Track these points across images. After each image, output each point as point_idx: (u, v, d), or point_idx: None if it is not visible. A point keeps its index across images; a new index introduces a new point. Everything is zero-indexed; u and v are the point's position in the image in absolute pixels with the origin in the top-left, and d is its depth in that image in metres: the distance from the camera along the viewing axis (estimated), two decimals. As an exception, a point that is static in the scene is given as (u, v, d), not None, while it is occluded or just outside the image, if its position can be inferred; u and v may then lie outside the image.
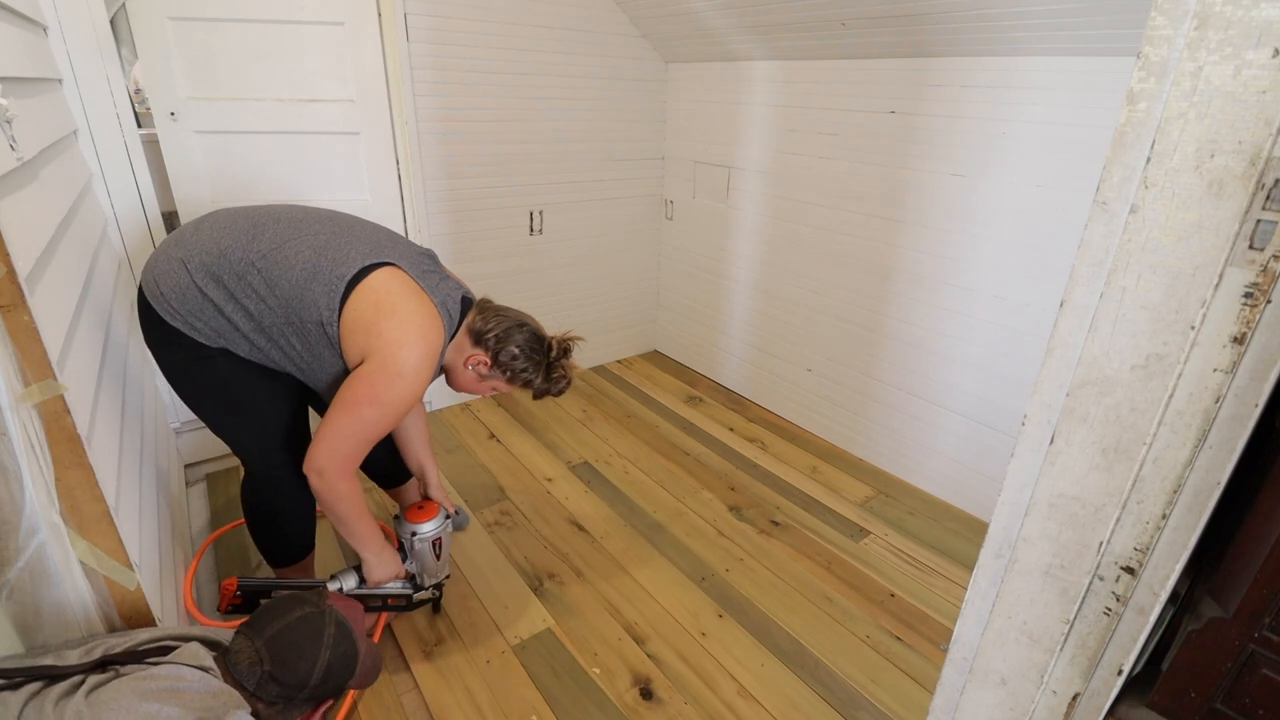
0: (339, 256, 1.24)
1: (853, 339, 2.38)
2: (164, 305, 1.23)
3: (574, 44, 2.53)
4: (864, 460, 2.43)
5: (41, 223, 1.05)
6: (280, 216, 1.30)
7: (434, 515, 1.50)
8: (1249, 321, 0.58)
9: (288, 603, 1.01)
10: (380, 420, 1.24)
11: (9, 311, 0.80)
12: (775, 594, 1.78)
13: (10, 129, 0.93)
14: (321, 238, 1.26)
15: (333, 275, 1.22)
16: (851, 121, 2.18)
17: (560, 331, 1.49)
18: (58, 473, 0.88)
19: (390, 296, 1.23)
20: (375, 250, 1.27)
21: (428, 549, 1.50)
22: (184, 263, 1.23)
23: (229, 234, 1.25)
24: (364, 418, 1.22)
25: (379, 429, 1.25)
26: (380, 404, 1.22)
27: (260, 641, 0.94)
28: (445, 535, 1.53)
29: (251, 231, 1.26)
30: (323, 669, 0.96)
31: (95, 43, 1.68)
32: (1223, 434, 0.63)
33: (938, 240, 2.03)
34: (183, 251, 1.24)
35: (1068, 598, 0.76)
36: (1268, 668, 0.72)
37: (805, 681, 1.52)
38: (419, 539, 1.48)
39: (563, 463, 2.35)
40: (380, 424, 1.24)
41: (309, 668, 0.95)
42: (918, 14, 1.77)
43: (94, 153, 1.76)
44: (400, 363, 1.21)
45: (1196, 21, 0.54)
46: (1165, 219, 0.60)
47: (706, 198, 2.84)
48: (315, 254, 1.24)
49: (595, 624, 1.66)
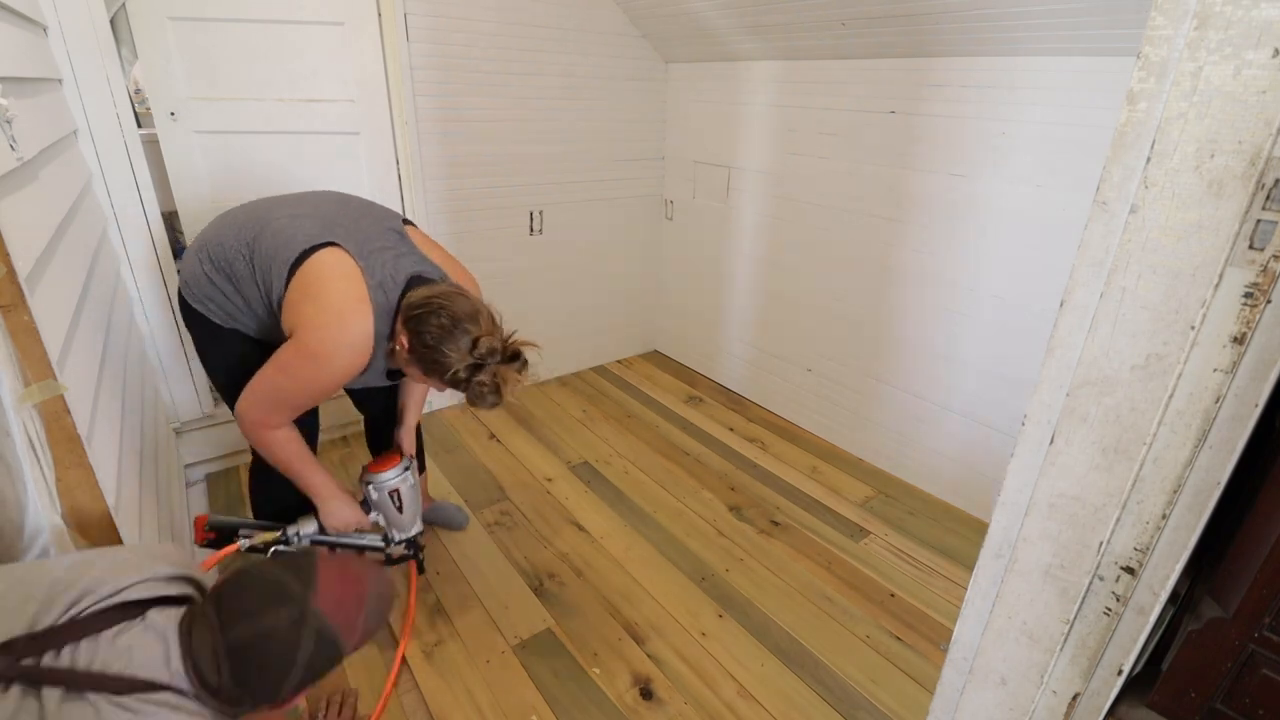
0: (290, 239, 1.28)
1: (853, 339, 2.38)
2: (187, 290, 1.40)
3: (574, 44, 2.52)
4: (864, 460, 2.43)
5: (41, 223, 1.05)
6: (272, 204, 1.40)
7: (393, 465, 1.52)
8: (1249, 321, 0.58)
9: (264, 594, 0.83)
10: (295, 391, 1.30)
11: (9, 311, 0.80)
12: (775, 594, 1.78)
13: (10, 129, 0.93)
14: (288, 220, 1.32)
15: (281, 259, 1.28)
16: (851, 121, 2.18)
17: (509, 332, 1.31)
18: (58, 473, 0.88)
19: (319, 280, 1.25)
20: (324, 230, 1.29)
21: (386, 499, 1.50)
22: (197, 252, 1.39)
23: (232, 226, 1.37)
24: (278, 383, 1.28)
25: (294, 398, 1.31)
26: (293, 376, 1.27)
27: (223, 643, 0.79)
28: (405, 486, 1.52)
29: (246, 222, 1.36)
30: (296, 683, 0.82)
31: (95, 43, 1.68)
32: (1223, 434, 0.63)
33: (938, 240, 2.03)
34: (199, 242, 1.41)
35: (1068, 598, 0.76)
36: (1268, 668, 0.72)
37: (805, 681, 1.52)
38: (374, 488, 1.50)
39: (563, 463, 2.35)
40: (296, 395, 1.31)
41: (277, 684, 0.82)
42: (918, 14, 1.77)
43: (94, 153, 1.76)
44: (313, 344, 1.24)
45: (1196, 21, 0.54)
46: (1165, 219, 0.60)
47: (706, 198, 2.84)
48: (276, 238, 1.30)
49: (595, 624, 1.66)
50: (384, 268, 1.30)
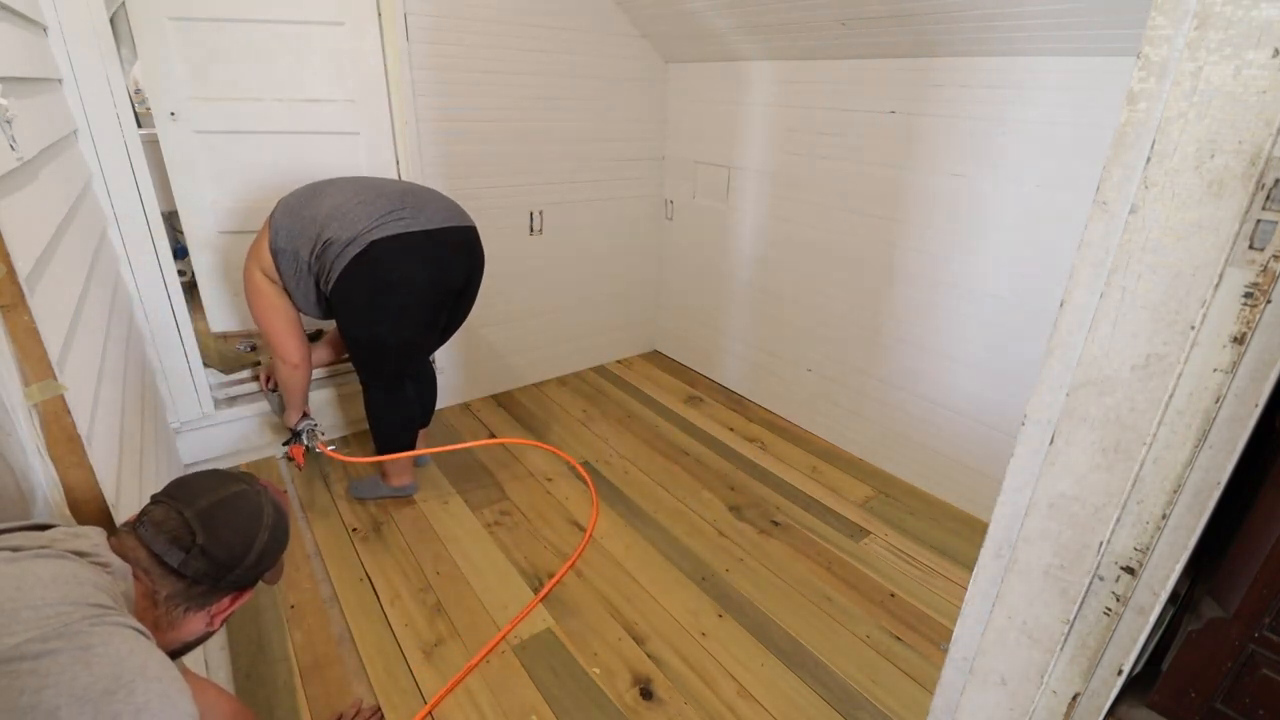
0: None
1: (853, 339, 2.38)
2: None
3: (574, 44, 2.52)
4: (864, 460, 2.43)
5: (41, 223, 1.05)
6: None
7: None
8: (1249, 321, 0.58)
9: (216, 477, 0.89)
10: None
11: (9, 311, 0.80)
12: (775, 594, 1.78)
13: (10, 129, 0.93)
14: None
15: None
16: (851, 121, 2.18)
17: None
18: (58, 473, 0.88)
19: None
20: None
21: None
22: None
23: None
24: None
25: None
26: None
27: (191, 512, 0.81)
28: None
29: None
30: (260, 549, 0.87)
31: (95, 43, 1.68)
32: (1223, 434, 0.63)
33: (938, 240, 2.03)
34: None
35: (1068, 598, 0.76)
36: (1268, 668, 0.72)
37: (805, 681, 1.52)
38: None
39: (563, 462, 2.35)
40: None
41: (246, 545, 0.85)
42: (918, 14, 1.77)
43: (94, 153, 1.76)
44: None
45: (1196, 21, 0.54)
46: (1165, 219, 0.60)
47: (706, 198, 2.84)
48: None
49: (595, 624, 1.66)
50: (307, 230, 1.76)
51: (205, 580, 0.82)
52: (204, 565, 0.80)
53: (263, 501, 0.90)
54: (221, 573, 0.83)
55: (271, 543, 0.89)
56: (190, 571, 0.80)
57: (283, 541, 0.93)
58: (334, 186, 1.76)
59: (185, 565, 0.79)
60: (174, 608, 0.80)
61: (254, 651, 1.54)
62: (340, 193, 1.72)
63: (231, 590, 0.87)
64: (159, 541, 0.79)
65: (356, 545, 1.90)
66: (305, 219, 1.70)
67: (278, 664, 1.52)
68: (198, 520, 0.81)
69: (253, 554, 0.86)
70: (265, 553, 0.88)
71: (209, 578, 0.82)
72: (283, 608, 1.67)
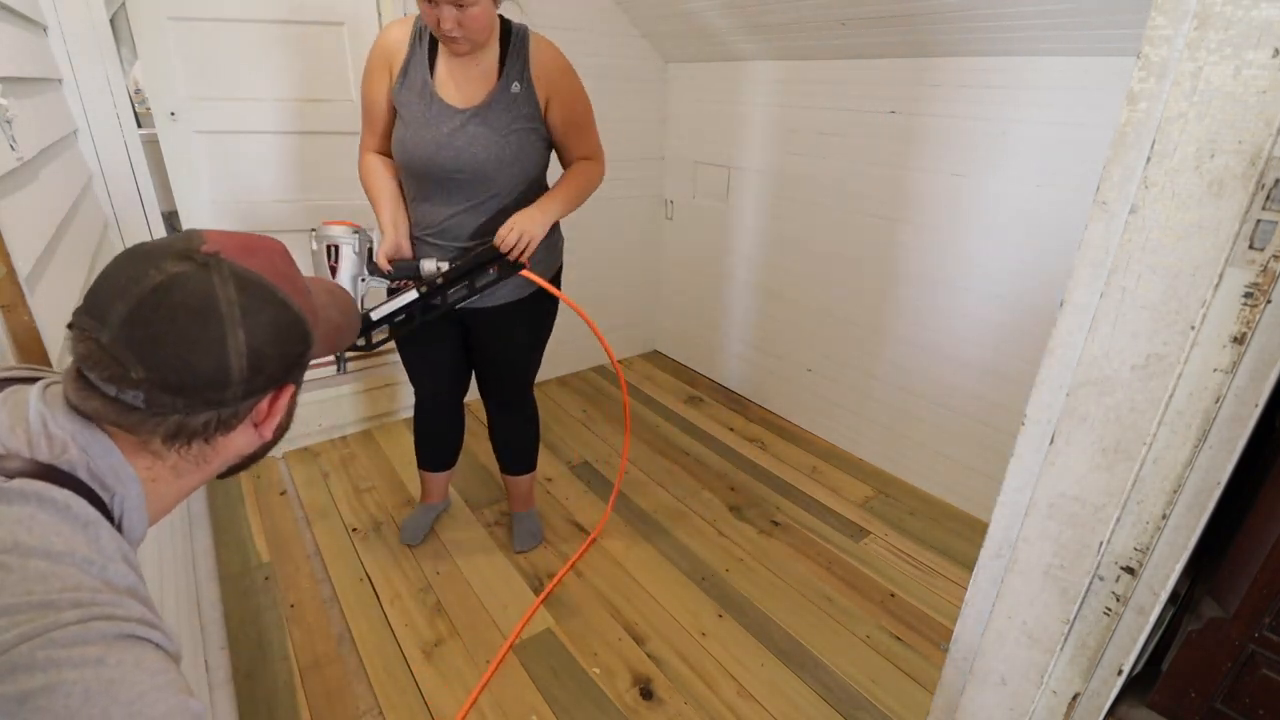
0: None
1: (853, 339, 2.38)
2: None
3: (574, 44, 2.51)
4: (864, 460, 2.43)
5: (41, 223, 1.05)
6: None
7: (344, 225, 1.42)
8: (1249, 321, 0.58)
9: (133, 259, 0.55)
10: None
11: (9, 311, 0.80)
12: (775, 594, 1.78)
13: (10, 129, 0.93)
14: None
15: None
16: (851, 121, 2.18)
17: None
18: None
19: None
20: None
21: (323, 254, 1.39)
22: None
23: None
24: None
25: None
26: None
27: (108, 336, 0.52)
28: (346, 248, 1.40)
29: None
30: (245, 351, 0.55)
31: (95, 43, 1.68)
32: (1223, 434, 0.63)
33: (938, 240, 2.03)
34: None
35: (1068, 598, 0.76)
36: (1268, 668, 0.72)
37: (805, 681, 1.52)
38: (315, 238, 1.40)
39: (563, 463, 2.35)
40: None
41: (215, 354, 0.54)
42: (918, 14, 1.77)
43: (94, 153, 1.76)
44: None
45: (1196, 21, 0.54)
46: (1165, 219, 0.60)
47: (706, 198, 2.84)
48: None
49: (595, 624, 1.66)
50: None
51: (200, 408, 0.55)
52: (177, 400, 0.54)
53: (211, 280, 0.55)
54: (211, 394, 0.55)
55: (262, 331, 0.57)
56: (168, 409, 0.54)
57: (282, 327, 0.60)
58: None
59: (152, 405, 0.53)
60: (185, 447, 0.58)
61: (254, 651, 1.54)
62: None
63: (255, 396, 0.59)
64: (110, 387, 0.53)
65: (356, 545, 1.90)
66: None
67: (278, 664, 1.52)
68: (122, 343, 0.52)
69: (237, 362, 0.55)
70: (260, 351, 0.57)
71: (202, 404, 0.55)
72: (283, 608, 1.67)
